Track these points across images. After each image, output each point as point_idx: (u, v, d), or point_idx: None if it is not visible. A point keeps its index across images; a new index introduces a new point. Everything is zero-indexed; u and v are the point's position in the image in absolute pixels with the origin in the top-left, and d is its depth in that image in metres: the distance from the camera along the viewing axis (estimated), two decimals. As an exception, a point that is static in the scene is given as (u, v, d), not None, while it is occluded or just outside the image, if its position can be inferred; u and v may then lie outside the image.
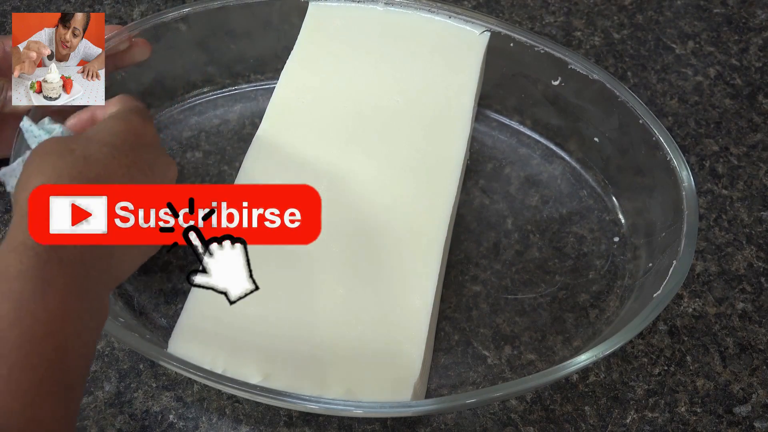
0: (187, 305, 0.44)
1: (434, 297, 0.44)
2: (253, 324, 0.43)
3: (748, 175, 0.57)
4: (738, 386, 0.48)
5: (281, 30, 0.58)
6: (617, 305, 0.50)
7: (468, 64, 0.53)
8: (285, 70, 0.53)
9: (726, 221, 0.55)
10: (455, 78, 0.53)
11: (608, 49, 0.64)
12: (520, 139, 0.58)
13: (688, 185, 0.47)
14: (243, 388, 0.40)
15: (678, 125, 0.60)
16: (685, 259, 0.44)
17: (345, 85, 0.52)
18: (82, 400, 0.46)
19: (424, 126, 0.51)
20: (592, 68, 0.53)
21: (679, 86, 0.62)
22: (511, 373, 0.48)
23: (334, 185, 0.48)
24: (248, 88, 0.61)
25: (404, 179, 0.48)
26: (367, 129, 0.51)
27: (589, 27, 0.66)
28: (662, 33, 0.65)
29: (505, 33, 0.54)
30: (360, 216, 0.47)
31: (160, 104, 0.59)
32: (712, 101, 0.61)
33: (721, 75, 0.63)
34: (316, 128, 0.51)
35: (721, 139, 0.59)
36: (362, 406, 0.40)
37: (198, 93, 0.60)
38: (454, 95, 0.52)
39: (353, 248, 0.46)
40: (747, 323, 0.50)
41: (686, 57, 0.64)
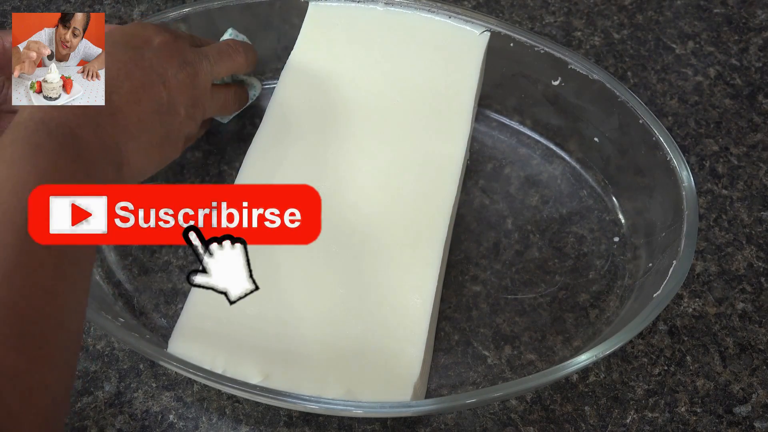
0: (187, 305, 0.44)
1: (434, 297, 0.44)
2: (253, 324, 0.43)
3: (748, 175, 0.57)
4: (738, 386, 0.48)
5: (281, 30, 0.58)
6: (617, 305, 0.50)
7: (468, 64, 0.53)
8: (285, 70, 0.53)
9: (726, 221, 0.55)
10: (455, 78, 0.53)
11: (608, 49, 0.64)
12: (520, 139, 0.58)
13: (688, 185, 0.47)
14: (243, 388, 0.40)
15: (678, 125, 0.60)
16: (685, 259, 0.44)
17: (345, 85, 0.52)
18: (84, 400, 0.46)
19: (424, 126, 0.51)
20: (592, 68, 0.53)
21: (679, 86, 0.62)
22: (511, 373, 0.48)
23: (334, 185, 0.48)
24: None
25: (404, 179, 0.48)
26: (366, 129, 0.51)
27: (589, 27, 0.66)
28: (662, 33, 0.65)
29: (505, 33, 0.54)
30: (360, 216, 0.47)
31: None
32: (712, 101, 0.61)
33: (721, 75, 0.63)
34: (316, 128, 0.51)
35: (721, 139, 0.59)
36: (362, 406, 0.40)
37: (198, 93, 0.60)
38: (454, 95, 0.52)
39: (353, 248, 0.46)
40: (747, 323, 0.50)
41: (686, 57, 0.64)
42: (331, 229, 0.45)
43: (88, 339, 0.49)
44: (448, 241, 0.48)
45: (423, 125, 0.51)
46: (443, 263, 0.47)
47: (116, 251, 0.52)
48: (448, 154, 0.50)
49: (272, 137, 0.50)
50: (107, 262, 0.51)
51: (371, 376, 0.42)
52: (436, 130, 0.51)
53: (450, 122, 0.51)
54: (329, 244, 0.45)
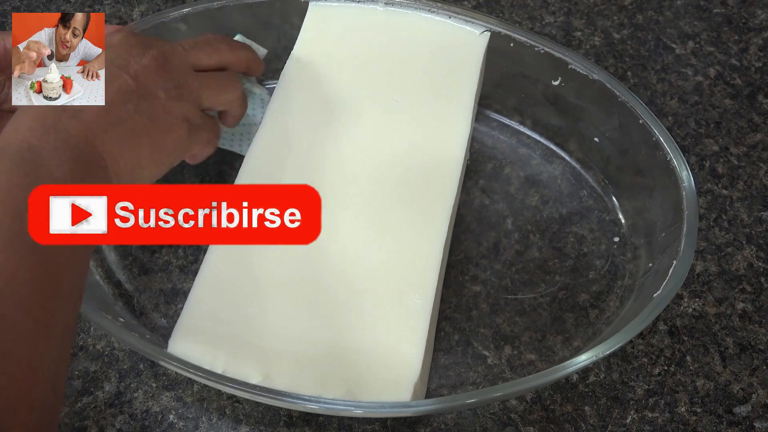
0: (187, 305, 0.44)
1: (434, 297, 0.44)
2: (253, 324, 0.43)
3: (748, 175, 0.57)
4: (738, 386, 0.48)
5: (281, 30, 0.58)
6: (617, 305, 0.50)
7: (468, 64, 0.53)
8: (285, 70, 0.53)
9: (726, 221, 0.55)
10: (455, 78, 0.53)
11: (608, 49, 0.64)
12: (520, 139, 0.58)
13: (688, 185, 0.47)
14: (243, 388, 0.40)
15: (678, 125, 0.60)
16: (685, 259, 0.44)
17: (345, 85, 0.52)
18: (84, 400, 0.46)
19: (424, 126, 0.51)
20: (592, 68, 0.53)
21: (679, 86, 0.62)
22: (511, 373, 0.48)
23: (334, 185, 0.48)
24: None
25: (404, 179, 0.48)
26: (367, 129, 0.51)
27: (589, 27, 0.66)
28: (662, 33, 0.65)
29: (505, 33, 0.54)
30: (359, 216, 0.47)
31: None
32: (712, 101, 0.61)
33: (721, 75, 0.63)
34: (316, 128, 0.51)
35: (721, 139, 0.59)
36: (362, 406, 0.40)
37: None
38: (454, 95, 0.52)
39: (352, 248, 0.46)
40: (747, 323, 0.50)
41: (686, 57, 0.64)
42: (331, 230, 0.45)
43: (88, 339, 0.49)
44: (448, 241, 0.48)
45: (423, 125, 0.51)
46: (443, 263, 0.47)
47: (116, 251, 0.52)
48: (448, 154, 0.50)
49: (272, 137, 0.50)
50: (107, 262, 0.51)
51: (371, 376, 0.42)
52: (437, 130, 0.51)
53: (450, 122, 0.51)
54: (329, 245, 0.45)
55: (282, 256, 0.45)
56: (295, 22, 0.56)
